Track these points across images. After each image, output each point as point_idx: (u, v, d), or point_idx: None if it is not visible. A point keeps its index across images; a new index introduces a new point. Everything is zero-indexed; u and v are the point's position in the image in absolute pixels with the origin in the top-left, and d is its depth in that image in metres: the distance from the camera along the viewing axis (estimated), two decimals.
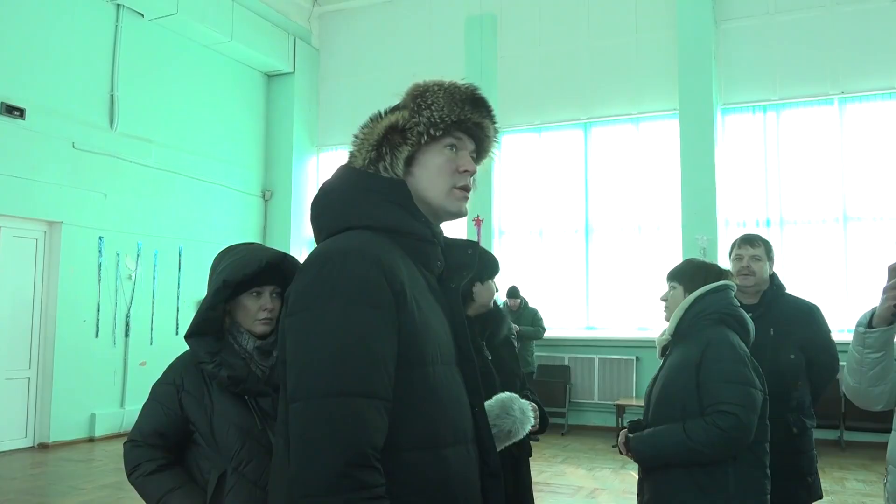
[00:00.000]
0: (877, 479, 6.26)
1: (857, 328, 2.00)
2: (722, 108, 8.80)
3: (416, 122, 1.36)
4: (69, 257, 7.86)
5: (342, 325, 1.17)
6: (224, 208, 9.93)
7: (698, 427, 2.24)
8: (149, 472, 1.94)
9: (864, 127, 8.26)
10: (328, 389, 1.14)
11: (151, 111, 8.90)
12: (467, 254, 1.49)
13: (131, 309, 8.52)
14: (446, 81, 1.42)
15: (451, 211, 1.40)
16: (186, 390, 1.96)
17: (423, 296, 1.31)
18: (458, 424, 1.29)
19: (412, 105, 1.39)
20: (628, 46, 9.28)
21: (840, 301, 7.91)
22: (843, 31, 8.28)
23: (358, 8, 10.99)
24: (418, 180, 1.38)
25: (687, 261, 2.65)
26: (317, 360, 1.17)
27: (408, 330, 1.23)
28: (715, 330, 2.40)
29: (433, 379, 1.26)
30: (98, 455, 7.30)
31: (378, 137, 1.38)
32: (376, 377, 1.17)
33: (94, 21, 8.26)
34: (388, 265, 1.23)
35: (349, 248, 1.24)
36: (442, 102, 1.37)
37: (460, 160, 1.40)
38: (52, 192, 7.69)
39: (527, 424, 1.67)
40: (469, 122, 1.39)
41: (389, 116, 1.40)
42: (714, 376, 2.29)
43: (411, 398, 1.22)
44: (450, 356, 1.33)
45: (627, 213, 9.21)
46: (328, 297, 1.19)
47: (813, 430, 3.11)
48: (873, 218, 8.09)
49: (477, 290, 2.63)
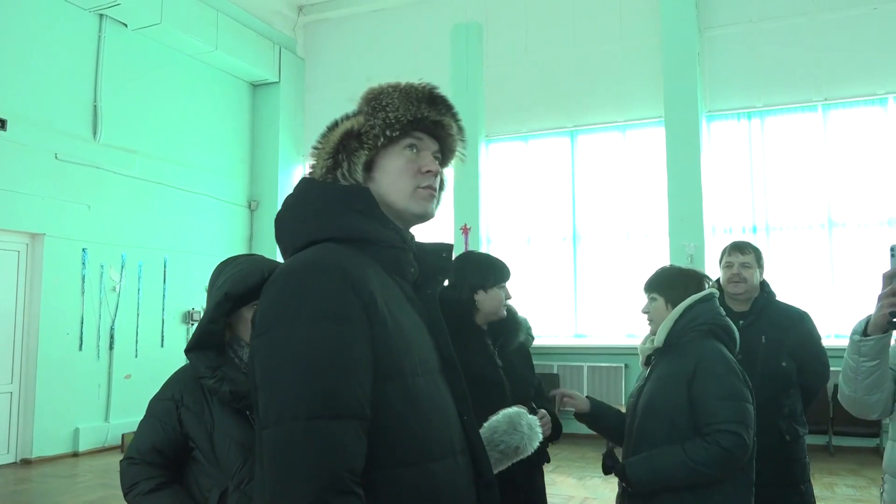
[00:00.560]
0: (866, 484, 6.27)
1: (852, 336, 1.98)
2: (707, 116, 8.84)
3: (372, 126, 1.33)
4: (52, 270, 7.76)
5: (310, 343, 1.11)
6: (210, 219, 9.85)
7: (699, 447, 2.19)
8: (146, 492, 1.88)
9: (848, 133, 8.31)
10: (298, 413, 1.08)
11: (135, 122, 8.83)
12: (441, 257, 1.44)
13: (116, 321, 8.41)
14: (402, 83, 1.38)
15: (416, 213, 1.35)
16: (186, 406, 1.91)
17: (399, 305, 1.27)
18: (444, 436, 1.24)
19: (367, 109, 1.36)
20: (614, 54, 9.32)
21: (826, 307, 7.94)
22: (826, 38, 8.35)
23: (343, 17, 10.97)
24: (380, 185, 1.34)
25: (663, 270, 2.56)
26: (285, 382, 1.10)
27: (382, 342, 1.18)
28: (705, 343, 2.36)
29: (414, 391, 1.20)
30: (82, 470, 7.19)
31: (334, 145, 1.34)
32: (350, 396, 1.11)
33: (76, 31, 8.19)
34: (355, 276, 1.18)
35: (312, 263, 1.19)
36: (397, 103, 1.34)
37: (422, 160, 1.36)
38: (34, 204, 7.60)
39: (535, 440, 1.62)
40: (427, 120, 1.36)
41: (345, 123, 1.37)
42: (711, 393, 2.24)
43: (392, 413, 1.17)
44: (431, 365, 1.28)
45: (615, 221, 9.22)
46: (293, 316, 1.13)
47: (805, 438, 3.10)
48: (858, 224, 8.14)
49: (479, 299, 2.49)
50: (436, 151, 1.39)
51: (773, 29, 8.60)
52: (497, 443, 1.54)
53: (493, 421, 1.58)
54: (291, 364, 1.11)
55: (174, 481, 1.92)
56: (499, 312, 2.52)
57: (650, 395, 2.37)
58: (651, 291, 2.48)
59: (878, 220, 8.04)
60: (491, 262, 2.57)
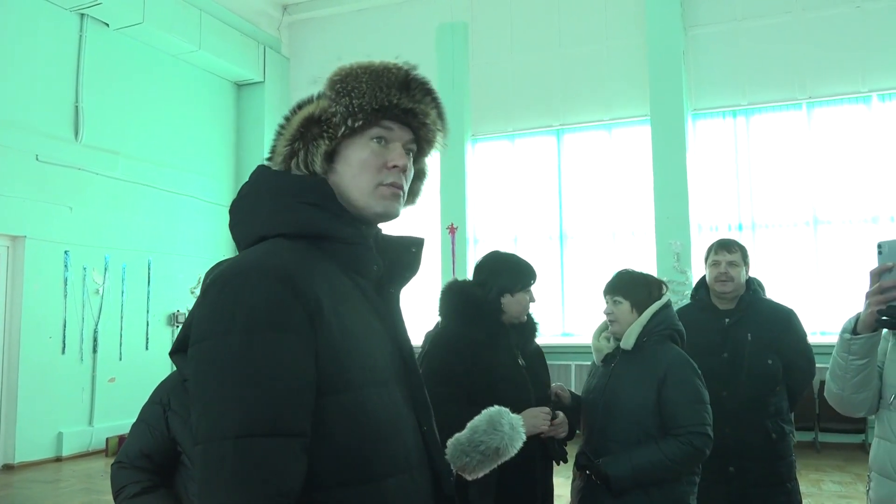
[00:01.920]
0: (852, 480, 6.30)
1: (841, 334, 1.97)
2: (692, 114, 8.86)
3: (335, 113, 1.20)
4: (34, 272, 7.65)
5: (243, 355, 1.00)
6: (194, 220, 9.76)
7: (674, 446, 2.33)
8: (132, 495, 1.84)
9: (833, 131, 8.35)
10: (227, 431, 0.98)
11: (118, 122, 8.73)
12: (410, 252, 1.31)
13: (99, 324, 8.32)
14: (377, 62, 1.24)
15: (377, 212, 1.22)
16: (173, 409, 1.88)
17: (352, 308, 1.15)
18: (397, 451, 1.14)
19: (331, 92, 1.22)
20: (599, 53, 9.32)
21: (812, 304, 7.97)
22: (810, 36, 8.39)
23: (328, 16, 10.91)
24: (341, 177, 1.21)
25: (625, 273, 2.62)
26: (217, 397, 1.00)
27: (326, 352, 1.07)
28: (669, 347, 2.51)
29: (361, 404, 1.09)
30: (66, 475, 7.10)
31: (293, 131, 1.22)
32: (287, 412, 1.01)
33: (57, 31, 8.08)
34: (298, 280, 1.07)
35: (250, 266, 1.08)
36: (364, 88, 1.20)
37: (389, 154, 1.22)
38: (15, 206, 7.49)
39: (517, 440, 1.52)
40: (397, 108, 1.21)
41: (307, 107, 1.24)
42: (684, 397, 2.40)
43: (336, 428, 1.07)
44: (386, 374, 1.17)
45: (601, 219, 9.23)
46: (227, 325, 1.02)
47: (792, 436, 3.09)
48: (843, 221, 8.18)
49: (506, 302, 2.49)
50: (409, 142, 1.26)
51: (758, 27, 8.63)
52: (477, 443, 1.46)
53: (474, 421, 1.51)
54: (222, 378, 1.00)
55: (161, 485, 1.89)
56: (521, 317, 2.54)
57: (616, 395, 2.47)
58: (615, 294, 2.55)
59: (862, 218, 8.08)
60: (522, 267, 2.57)
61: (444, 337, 2.48)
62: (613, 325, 2.55)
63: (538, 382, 2.54)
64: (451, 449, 1.44)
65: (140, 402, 2.00)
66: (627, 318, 2.51)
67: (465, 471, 1.46)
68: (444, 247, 9.38)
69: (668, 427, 2.37)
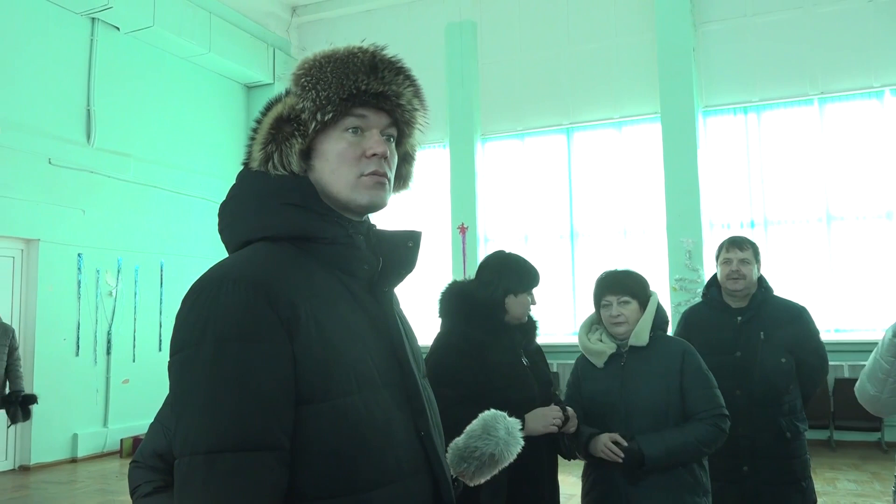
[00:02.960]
0: (868, 478, 6.25)
1: (889, 338, 1.93)
2: (703, 111, 8.81)
3: (303, 109, 1.15)
4: (47, 275, 7.72)
5: (216, 367, 0.97)
6: (205, 222, 9.79)
7: (703, 429, 2.40)
8: (145, 494, 1.85)
9: (845, 126, 8.28)
10: (199, 446, 0.95)
11: (129, 125, 8.78)
12: (407, 247, 1.23)
13: (112, 326, 8.38)
14: (341, 49, 1.18)
15: (361, 204, 1.17)
16: None
17: (339, 311, 1.10)
18: (387, 460, 1.08)
19: (296, 88, 1.17)
20: (609, 51, 9.29)
21: (825, 301, 7.92)
22: (821, 31, 8.32)
23: (337, 17, 10.93)
24: (321, 174, 1.16)
25: (626, 273, 2.64)
26: (190, 411, 0.97)
27: (306, 360, 1.03)
28: (669, 338, 2.62)
29: (346, 412, 1.04)
30: (81, 476, 7.15)
31: (265, 134, 1.18)
32: (259, 424, 0.97)
33: (68, 35, 8.14)
34: (272, 287, 1.03)
35: (224, 275, 1.05)
36: (330, 78, 1.14)
37: (366, 142, 1.16)
38: (28, 210, 7.55)
39: (514, 446, 1.46)
40: (367, 94, 1.15)
41: (276, 106, 1.19)
42: (701, 383, 2.48)
43: (317, 438, 1.02)
44: (377, 378, 1.11)
45: (612, 218, 9.19)
46: (199, 337, 0.99)
47: (806, 434, 3.07)
48: (856, 217, 8.11)
49: (509, 302, 2.49)
50: (387, 127, 1.20)
51: (769, 23, 8.57)
52: (472, 449, 1.41)
53: (470, 425, 1.46)
54: (194, 391, 0.98)
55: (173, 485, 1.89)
56: (522, 318, 2.55)
57: (636, 394, 2.48)
58: (624, 295, 2.56)
59: (876, 214, 8.01)
60: (526, 269, 2.58)
61: (448, 338, 2.47)
62: (621, 326, 2.54)
63: (542, 381, 2.55)
64: (451, 455, 1.41)
65: (153, 404, 2.01)
66: (635, 316, 2.54)
67: (464, 477, 1.42)
68: (454, 246, 9.38)
69: (692, 413, 2.44)
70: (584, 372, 2.68)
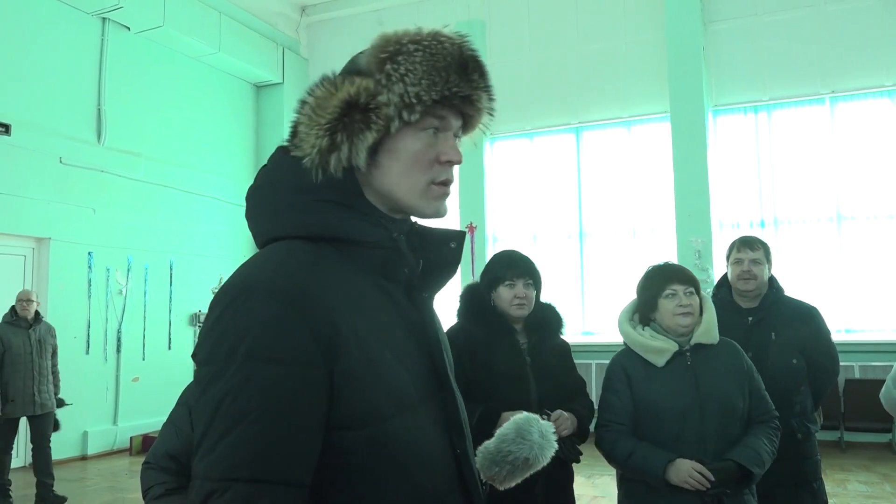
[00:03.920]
0: (879, 480, 6.21)
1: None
2: (713, 110, 8.78)
3: (386, 102, 1.00)
4: (58, 274, 7.76)
5: (241, 389, 0.89)
6: (215, 221, 9.84)
7: (770, 432, 2.34)
8: (157, 496, 1.86)
9: (856, 126, 8.24)
10: (214, 472, 0.87)
11: (139, 124, 8.83)
12: (448, 248, 1.13)
13: (122, 324, 8.42)
14: (424, 33, 1.03)
15: (425, 212, 1.08)
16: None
17: (379, 322, 1.01)
18: (426, 485, 1.01)
19: (379, 73, 1.01)
20: (618, 50, 9.27)
21: (836, 301, 7.88)
22: (831, 30, 8.28)
23: (346, 17, 10.95)
24: (385, 173, 1.04)
25: (677, 266, 2.51)
26: (211, 433, 0.89)
27: (345, 381, 0.93)
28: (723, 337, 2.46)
29: (387, 438, 0.96)
30: (91, 474, 7.19)
31: (332, 117, 1.00)
32: (284, 458, 0.89)
33: (79, 35, 8.19)
34: (310, 301, 0.93)
35: (256, 283, 0.94)
36: (420, 72, 0.99)
37: (443, 147, 1.05)
38: (39, 209, 7.60)
39: (548, 449, 1.44)
40: (455, 97, 1.03)
41: (346, 86, 1.01)
42: (761, 385, 2.44)
43: (351, 466, 0.95)
44: (416, 395, 1.02)
45: (621, 217, 9.17)
46: (228, 353, 0.90)
47: (817, 435, 3.06)
48: (867, 217, 8.06)
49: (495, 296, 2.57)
50: (458, 129, 1.09)
51: (779, 21, 8.53)
52: (506, 453, 1.40)
53: (501, 429, 1.45)
54: (216, 411, 0.89)
55: (186, 487, 1.88)
56: (510, 311, 2.51)
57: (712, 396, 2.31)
58: (691, 285, 2.40)
59: (887, 213, 7.96)
60: (505, 261, 2.60)
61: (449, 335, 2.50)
62: (689, 317, 2.35)
63: (548, 381, 2.48)
64: (481, 459, 1.39)
65: (163, 402, 2.01)
66: (698, 310, 2.39)
67: (495, 481, 1.41)
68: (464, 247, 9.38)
69: (756, 415, 2.36)
70: (636, 372, 2.39)
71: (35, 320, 6.07)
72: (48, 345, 6.12)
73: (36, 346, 6.00)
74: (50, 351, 6.15)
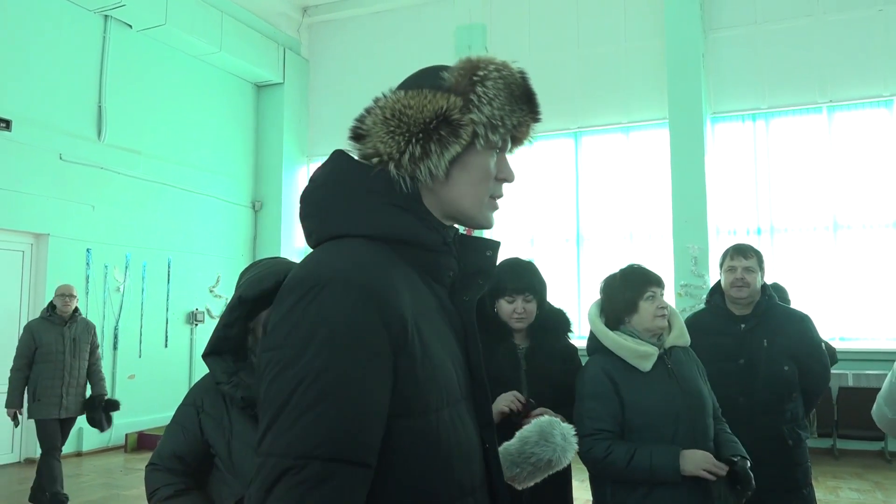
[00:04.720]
0: (871, 488, 6.24)
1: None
2: (711, 117, 8.82)
3: (476, 121, 1.08)
4: (56, 270, 7.77)
5: (319, 373, 0.93)
6: (214, 219, 9.86)
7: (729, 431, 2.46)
8: (165, 498, 1.84)
9: (853, 135, 8.28)
10: (296, 450, 0.91)
11: (140, 122, 8.84)
12: (485, 256, 1.21)
13: (119, 321, 8.43)
14: (499, 62, 1.14)
15: (480, 223, 1.18)
16: (206, 412, 1.86)
17: (431, 321, 1.07)
18: (464, 476, 1.07)
19: (470, 93, 1.09)
20: (618, 56, 9.30)
21: (832, 309, 7.91)
22: (830, 39, 8.32)
23: (347, 18, 10.98)
24: (454, 184, 1.11)
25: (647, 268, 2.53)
26: (287, 413, 0.93)
27: (407, 373, 1.00)
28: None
29: (436, 428, 1.03)
30: (86, 470, 7.20)
31: (422, 124, 1.07)
32: (357, 439, 0.94)
33: (81, 32, 8.20)
34: (383, 296, 0.99)
35: (333, 275, 0.98)
36: (503, 98, 1.10)
37: (502, 165, 1.17)
38: (38, 204, 7.61)
39: (570, 451, 1.48)
40: (524, 125, 1.16)
41: (437, 98, 1.09)
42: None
43: (403, 454, 1.00)
44: (458, 392, 1.09)
45: (618, 222, 9.20)
46: (306, 338, 0.94)
47: (807, 442, 3.08)
48: (863, 225, 8.10)
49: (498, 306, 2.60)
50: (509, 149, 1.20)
51: (778, 30, 8.57)
52: (528, 455, 1.43)
53: (523, 431, 1.48)
54: (293, 394, 0.93)
55: (194, 488, 1.88)
56: (510, 323, 2.53)
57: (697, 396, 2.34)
58: (663, 287, 2.45)
59: (883, 223, 8.00)
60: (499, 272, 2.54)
61: None
62: (665, 319, 2.38)
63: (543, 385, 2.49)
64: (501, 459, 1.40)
65: (159, 400, 2.03)
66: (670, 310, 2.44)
67: (514, 481, 1.44)
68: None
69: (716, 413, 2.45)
70: (622, 377, 2.33)
71: (72, 318, 5.73)
72: (84, 344, 5.76)
73: (70, 344, 5.66)
74: (87, 351, 5.80)
